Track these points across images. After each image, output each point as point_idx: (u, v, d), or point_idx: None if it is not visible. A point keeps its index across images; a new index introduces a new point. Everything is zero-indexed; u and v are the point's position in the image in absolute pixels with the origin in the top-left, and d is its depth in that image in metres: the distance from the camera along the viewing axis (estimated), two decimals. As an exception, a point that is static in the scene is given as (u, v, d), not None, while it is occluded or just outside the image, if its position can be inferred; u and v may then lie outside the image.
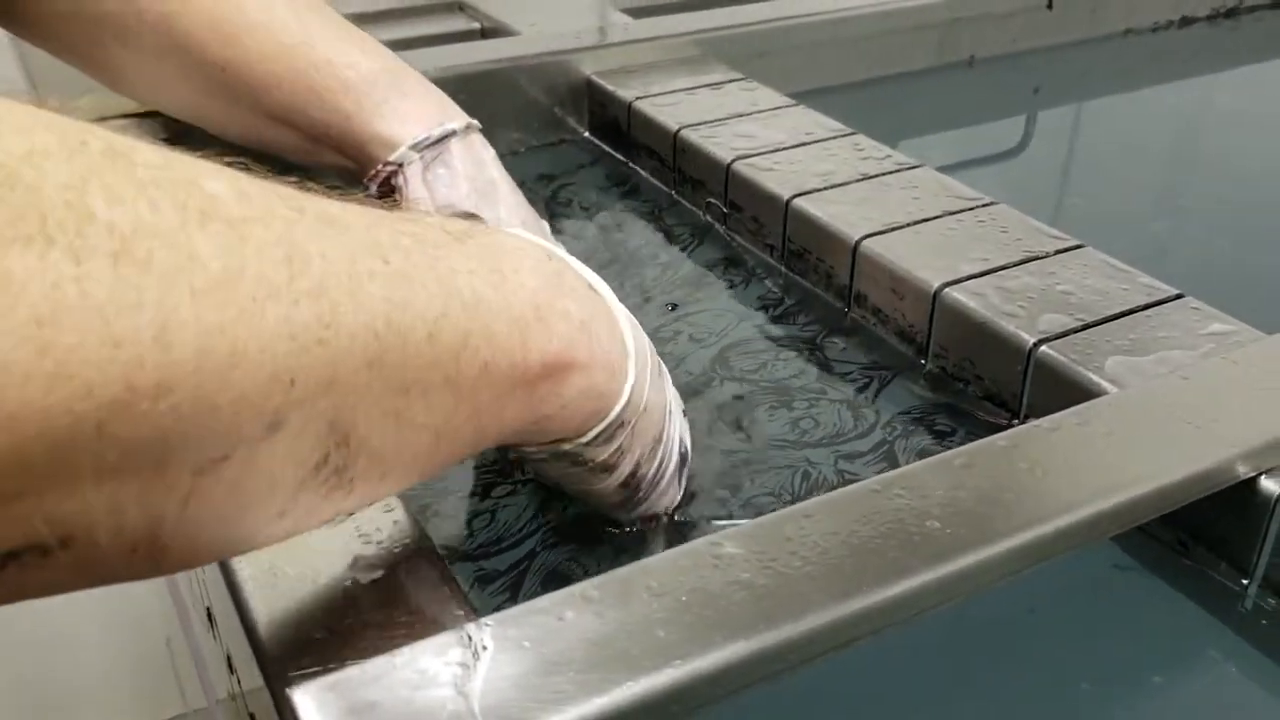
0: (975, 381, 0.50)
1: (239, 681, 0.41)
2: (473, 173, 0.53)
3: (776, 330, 0.56)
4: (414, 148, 0.53)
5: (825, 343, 0.54)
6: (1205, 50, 1.00)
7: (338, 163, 0.55)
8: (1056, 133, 0.87)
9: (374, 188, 0.54)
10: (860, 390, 0.51)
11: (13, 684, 0.87)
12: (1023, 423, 0.47)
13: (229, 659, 0.42)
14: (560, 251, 0.36)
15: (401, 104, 0.53)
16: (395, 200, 0.53)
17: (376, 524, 0.35)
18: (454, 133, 0.53)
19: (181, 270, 0.21)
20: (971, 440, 0.40)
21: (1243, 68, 1.01)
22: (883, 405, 0.50)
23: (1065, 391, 0.45)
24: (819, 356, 0.53)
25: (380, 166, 0.53)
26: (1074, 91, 0.92)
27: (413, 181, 0.53)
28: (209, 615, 0.46)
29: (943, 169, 0.62)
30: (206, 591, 0.45)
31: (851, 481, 0.39)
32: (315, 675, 0.29)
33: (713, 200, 0.64)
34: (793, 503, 0.39)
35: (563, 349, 0.32)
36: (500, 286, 0.30)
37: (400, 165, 0.53)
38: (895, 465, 0.46)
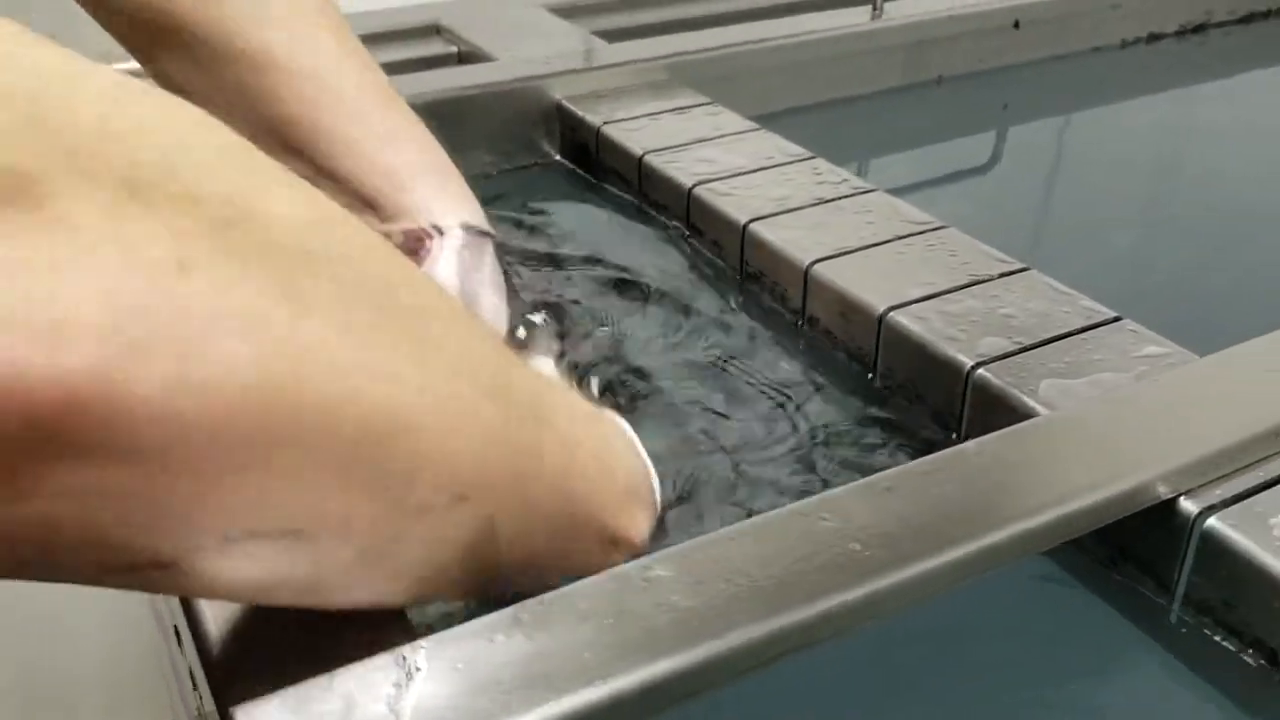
0: (919, 402, 0.51)
1: (201, 699, 0.42)
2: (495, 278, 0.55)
3: (732, 349, 0.57)
4: (464, 227, 0.54)
5: (778, 363, 0.56)
6: (1174, 66, 1.01)
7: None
8: (1025, 150, 0.89)
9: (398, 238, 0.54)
10: (804, 408, 0.53)
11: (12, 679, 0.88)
12: (963, 442, 0.48)
13: (192, 677, 0.44)
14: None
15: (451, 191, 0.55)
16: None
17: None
18: (489, 235, 0.55)
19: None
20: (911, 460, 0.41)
21: (1212, 83, 1.02)
22: (828, 423, 0.52)
23: (1001, 413, 0.47)
24: (769, 376, 0.55)
25: (425, 226, 0.54)
26: (1042, 109, 0.94)
27: (446, 254, 0.53)
28: (176, 633, 0.48)
29: (911, 187, 0.64)
30: (172, 610, 0.47)
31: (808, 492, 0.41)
32: (258, 695, 0.31)
33: (675, 224, 0.66)
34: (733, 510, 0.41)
35: (629, 524, 0.38)
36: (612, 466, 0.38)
37: (441, 233, 0.54)
38: (831, 482, 0.47)
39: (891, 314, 0.52)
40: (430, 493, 0.28)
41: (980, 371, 0.48)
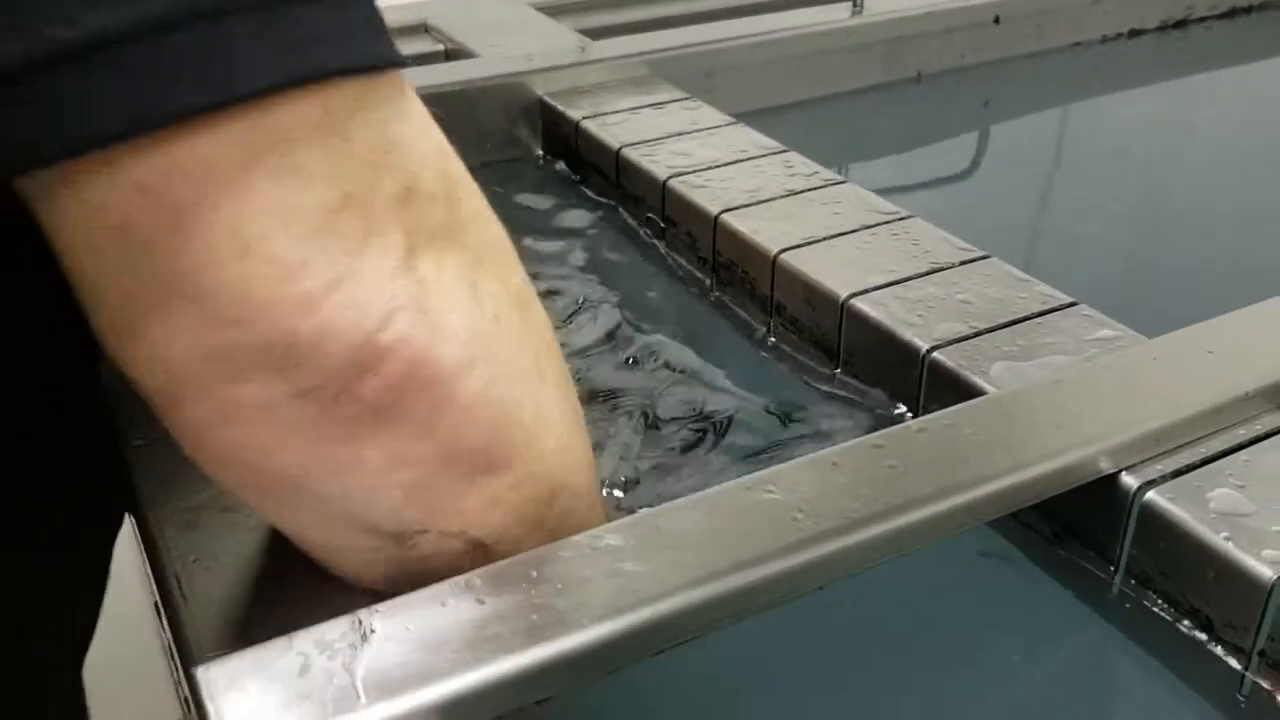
0: (879, 385, 0.53)
1: (178, 668, 0.44)
2: None
3: (703, 336, 0.59)
4: None
5: (749, 349, 0.58)
6: (1156, 62, 1.03)
7: None
8: (1005, 146, 0.90)
9: None
10: (770, 392, 0.54)
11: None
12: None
13: (171, 649, 0.46)
14: None
15: None
16: None
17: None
18: None
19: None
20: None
21: (1192, 78, 1.03)
22: (791, 407, 0.53)
23: (956, 394, 0.48)
24: (739, 361, 0.57)
25: None
26: (1023, 105, 0.95)
27: None
28: (157, 609, 0.50)
29: (889, 182, 0.65)
30: (154, 585, 0.48)
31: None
32: (221, 656, 0.32)
33: (651, 215, 0.68)
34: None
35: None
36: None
37: None
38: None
39: (853, 300, 0.53)
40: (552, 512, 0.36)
41: (935, 355, 0.49)
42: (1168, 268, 0.69)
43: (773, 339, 0.58)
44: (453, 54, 0.89)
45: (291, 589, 0.36)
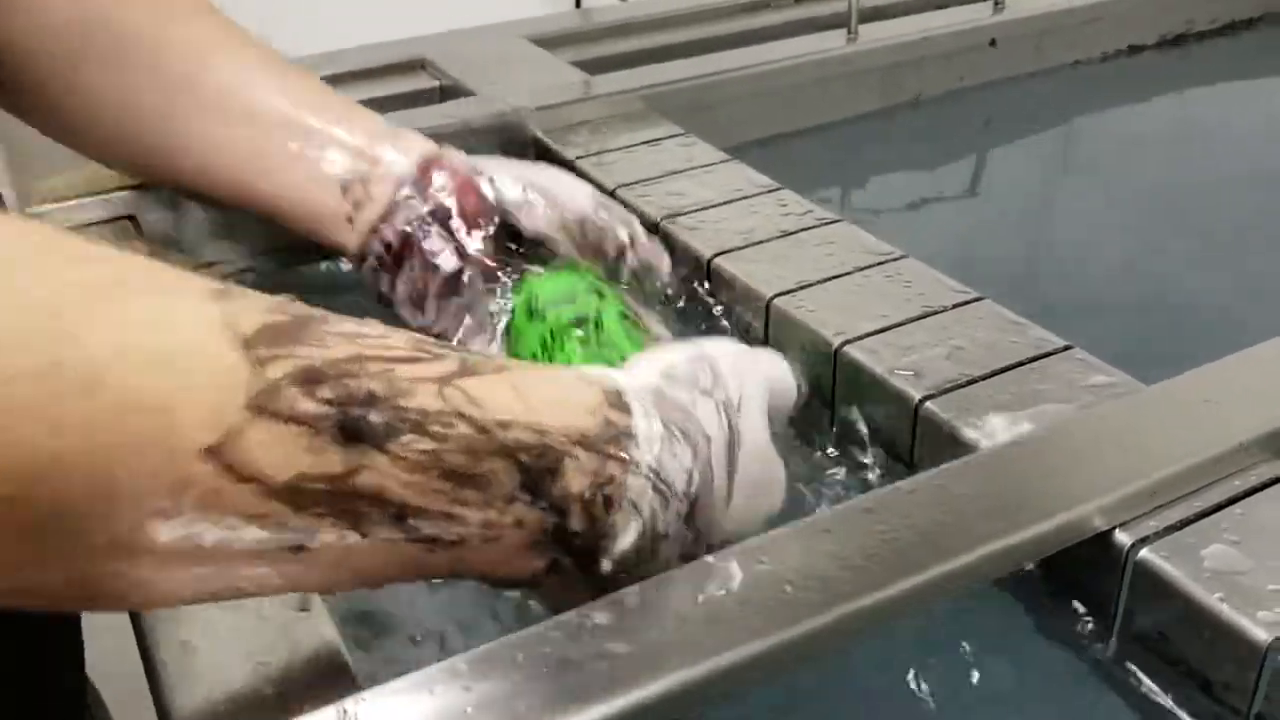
0: (874, 433, 0.52)
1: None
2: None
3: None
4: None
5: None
6: (1156, 79, 1.02)
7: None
8: (1005, 171, 0.90)
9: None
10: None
11: None
12: (913, 472, 0.50)
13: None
14: None
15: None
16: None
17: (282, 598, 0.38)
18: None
19: None
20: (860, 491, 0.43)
21: (1193, 93, 1.03)
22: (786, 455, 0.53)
23: (949, 445, 0.48)
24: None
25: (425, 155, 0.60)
26: (1023, 126, 0.95)
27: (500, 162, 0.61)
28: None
29: (888, 213, 0.65)
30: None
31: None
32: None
33: (647, 257, 0.67)
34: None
35: None
36: None
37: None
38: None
39: (845, 347, 0.53)
40: None
41: (928, 404, 0.49)
42: (1167, 302, 0.68)
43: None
44: (448, 91, 0.89)
45: (277, 674, 0.36)
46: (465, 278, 0.56)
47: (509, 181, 0.58)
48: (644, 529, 0.37)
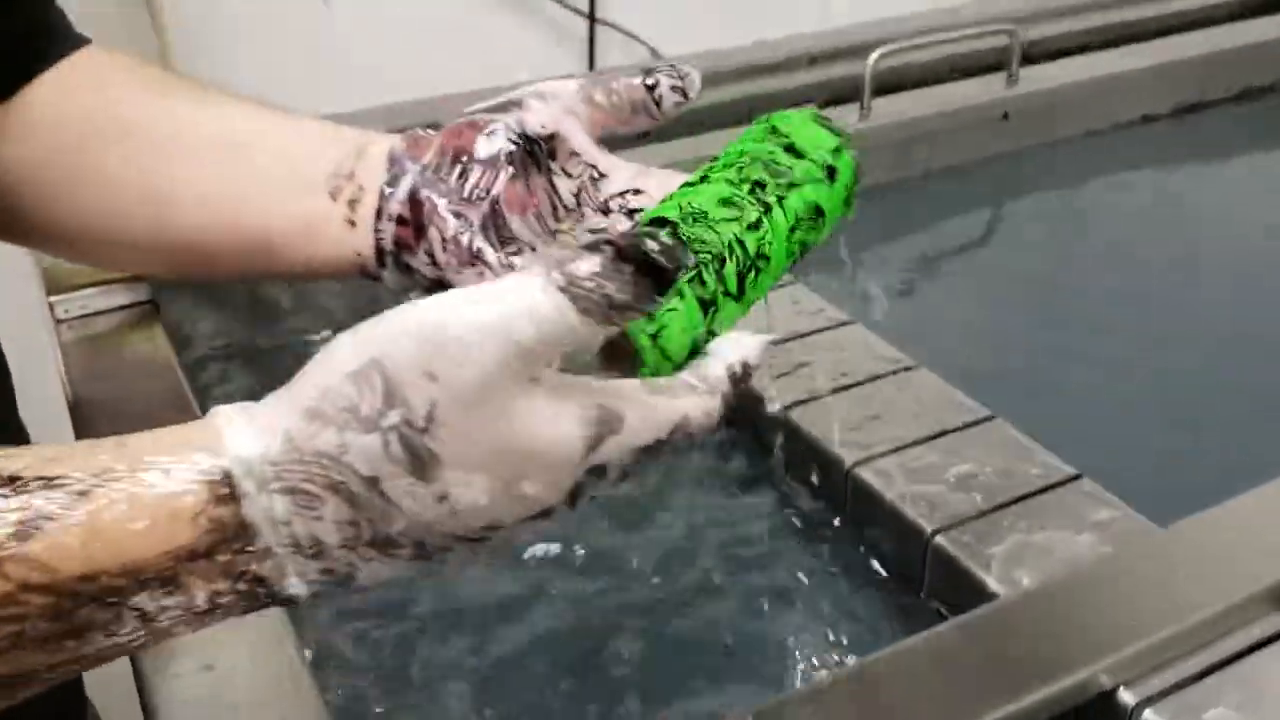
0: (884, 558, 0.53)
1: None
2: None
3: (710, 487, 0.59)
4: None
5: (757, 505, 0.58)
6: (1169, 147, 1.02)
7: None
8: (1017, 245, 0.90)
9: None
10: (769, 554, 0.55)
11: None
12: (921, 598, 0.51)
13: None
14: None
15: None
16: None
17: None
18: None
19: None
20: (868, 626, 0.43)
21: (1207, 164, 1.03)
22: (795, 572, 0.54)
23: (957, 579, 0.49)
24: (741, 515, 0.57)
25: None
26: (1034, 199, 0.95)
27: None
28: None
29: (894, 294, 0.65)
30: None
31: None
32: None
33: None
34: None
35: None
36: None
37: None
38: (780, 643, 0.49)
39: (858, 469, 0.54)
40: None
41: (939, 539, 0.50)
42: (1178, 416, 0.68)
43: (784, 490, 0.59)
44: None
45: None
46: (502, 212, 0.46)
47: (493, 103, 0.49)
48: (318, 574, 0.33)
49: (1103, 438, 0.61)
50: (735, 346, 0.36)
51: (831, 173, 0.39)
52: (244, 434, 0.33)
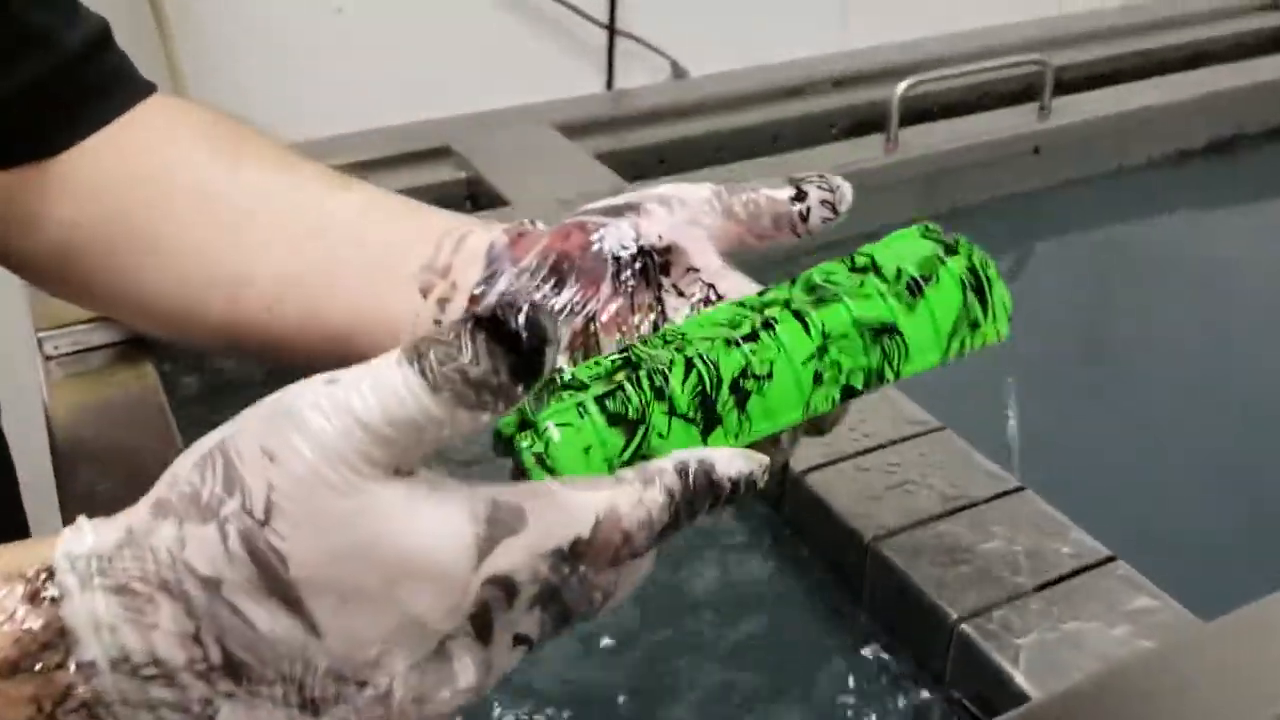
0: (904, 644, 0.50)
1: None
2: None
3: (711, 558, 0.56)
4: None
5: (766, 573, 0.55)
6: (1204, 185, 0.99)
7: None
8: (1044, 285, 0.87)
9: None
10: (785, 630, 0.52)
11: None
12: (942, 687, 0.48)
13: None
14: None
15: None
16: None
17: None
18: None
19: None
20: None
21: (1243, 199, 1.00)
22: (812, 655, 0.51)
23: (982, 669, 0.46)
24: (749, 579, 0.54)
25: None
26: (1064, 237, 0.92)
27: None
28: None
29: None
30: None
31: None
32: None
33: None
34: None
35: None
36: None
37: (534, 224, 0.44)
38: None
39: (878, 544, 0.51)
40: None
41: (964, 627, 0.47)
42: (1217, 488, 0.65)
43: (800, 566, 0.56)
44: (474, 183, 0.86)
45: None
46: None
47: (610, 203, 0.44)
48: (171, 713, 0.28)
49: (1136, 511, 0.58)
50: (705, 450, 0.31)
51: (917, 286, 0.34)
52: (83, 530, 0.28)
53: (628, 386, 0.31)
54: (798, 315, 0.33)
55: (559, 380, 0.32)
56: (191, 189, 0.48)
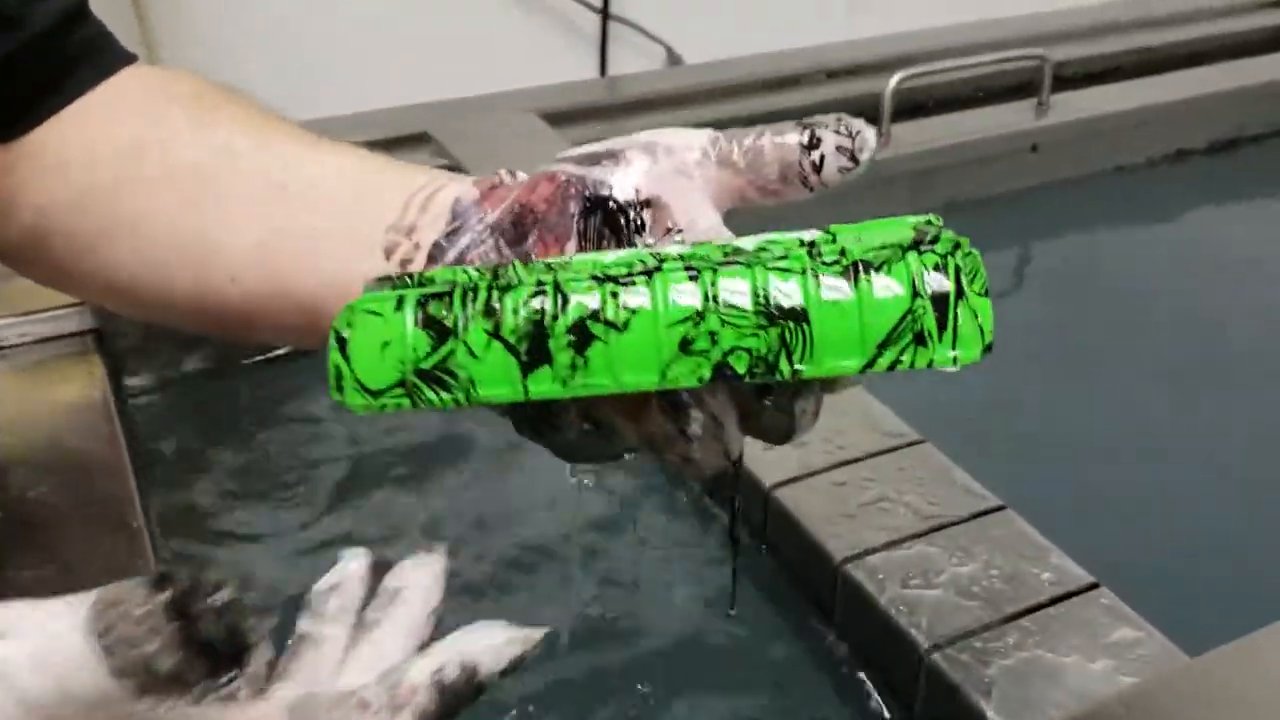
0: (875, 670, 0.48)
1: None
2: None
3: (686, 572, 0.54)
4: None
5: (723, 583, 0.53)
6: (1203, 186, 0.96)
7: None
8: (1037, 287, 0.85)
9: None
10: (753, 659, 0.49)
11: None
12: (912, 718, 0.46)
13: None
14: None
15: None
16: None
17: None
18: None
19: None
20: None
21: (1242, 204, 0.97)
22: (780, 683, 0.48)
23: (952, 702, 0.44)
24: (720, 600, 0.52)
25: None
26: (1060, 238, 0.90)
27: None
28: None
29: None
30: None
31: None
32: None
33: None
34: None
35: None
36: None
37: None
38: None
39: (848, 566, 0.48)
40: None
41: (935, 656, 0.44)
42: (1210, 512, 0.62)
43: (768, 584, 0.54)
44: (451, 171, 0.84)
45: None
46: None
47: (588, 150, 0.38)
48: None
49: (1122, 533, 0.56)
50: (472, 641, 0.29)
51: (854, 273, 0.28)
52: None
53: (457, 293, 0.28)
54: (690, 269, 0.28)
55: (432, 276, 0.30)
56: (159, 161, 0.44)
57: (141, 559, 0.47)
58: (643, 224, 0.35)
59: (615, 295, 0.28)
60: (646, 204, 0.36)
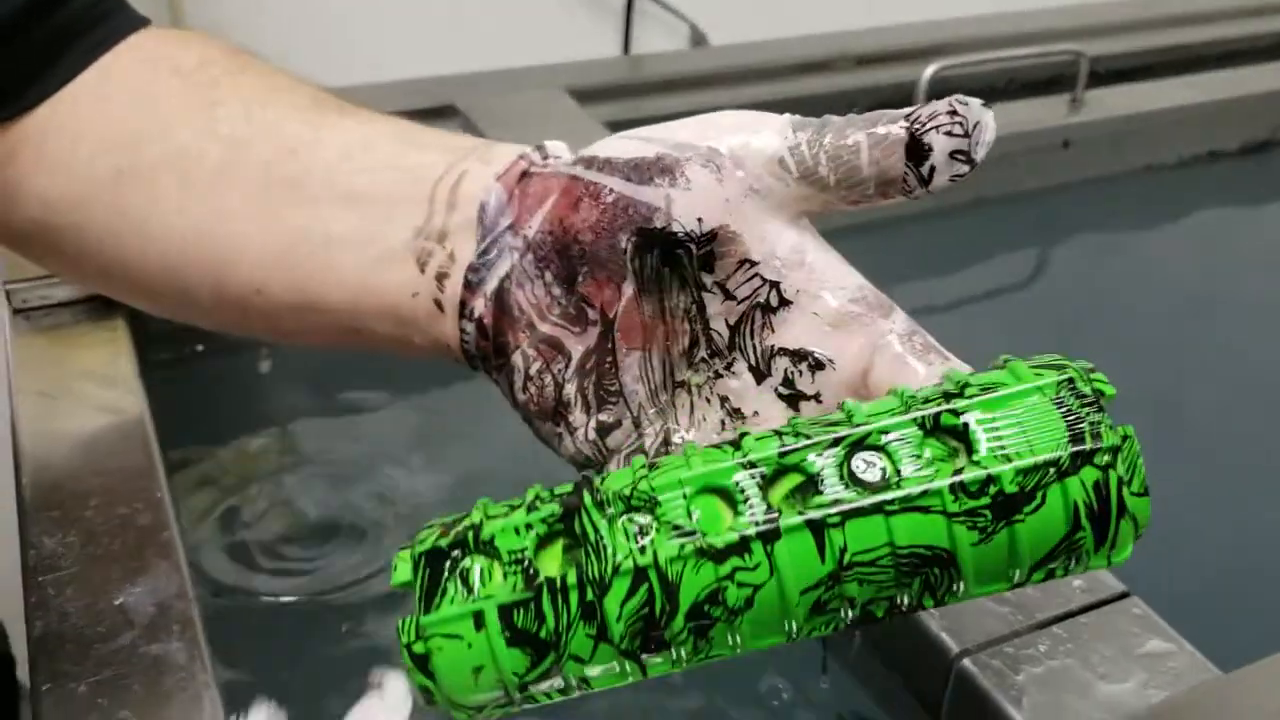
0: (904, 679, 0.47)
1: None
2: None
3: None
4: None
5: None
6: (1234, 187, 0.95)
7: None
8: (1068, 285, 0.84)
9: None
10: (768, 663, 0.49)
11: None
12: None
13: None
14: None
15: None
16: None
17: None
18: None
19: None
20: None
21: (1274, 206, 0.96)
22: (799, 684, 0.48)
23: (982, 709, 0.43)
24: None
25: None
26: (1090, 236, 0.89)
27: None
28: None
29: (932, 332, 0.59)
30: None
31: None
32: None
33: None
34: None
35: None
36: None
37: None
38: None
39: (878, 565, 0.48)
40: None
41: (964, 662, 0.44)
42: (1246, 520, 0.62)
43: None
44: (478, 146, 0.83)
45: None
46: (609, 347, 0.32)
47: (635, 156, 0.33)
48: None
49: (1155, 541, 0.55)
50: None
51: (1007, 509, 0.24)
52: None
53: (545, 597, 0.24)
54: (812, 526, 0.24)
55: (470, 537, 0.26)
56: (161, 156, 0.41)
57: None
58: (709, 259, 0.31)
59: (733, 576, 0.24)
60: (712, 235, 0.31)
